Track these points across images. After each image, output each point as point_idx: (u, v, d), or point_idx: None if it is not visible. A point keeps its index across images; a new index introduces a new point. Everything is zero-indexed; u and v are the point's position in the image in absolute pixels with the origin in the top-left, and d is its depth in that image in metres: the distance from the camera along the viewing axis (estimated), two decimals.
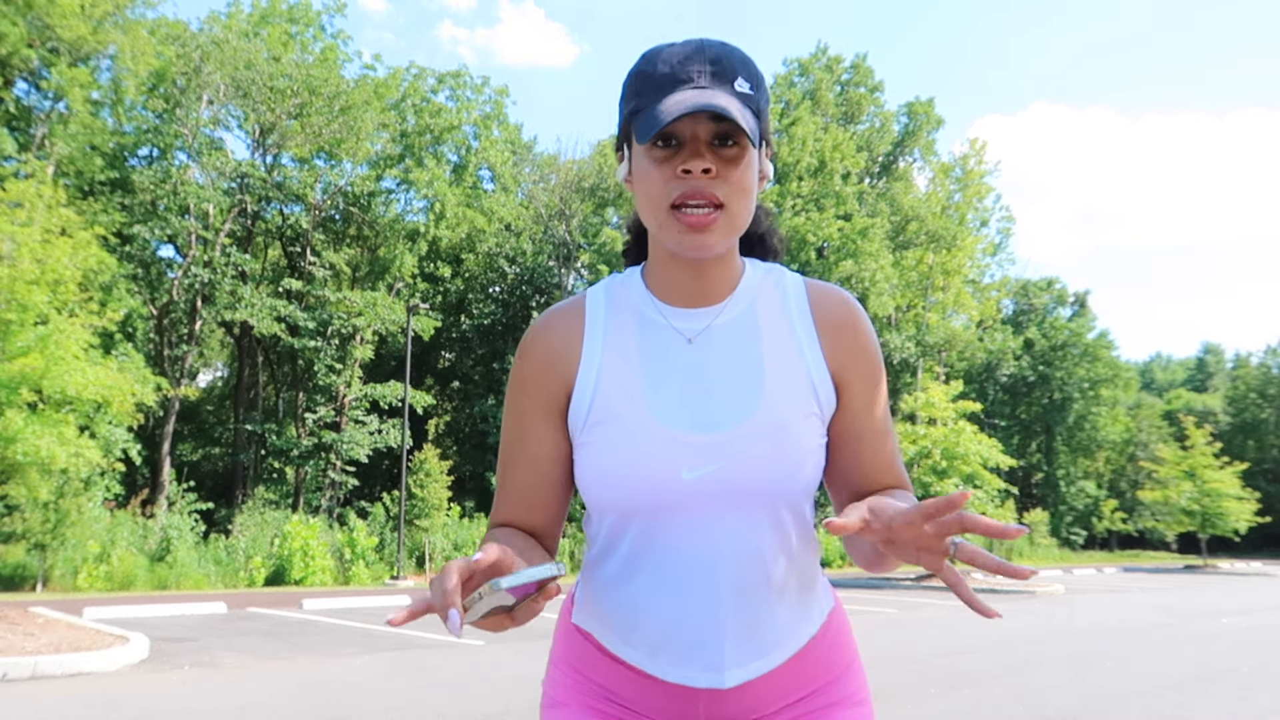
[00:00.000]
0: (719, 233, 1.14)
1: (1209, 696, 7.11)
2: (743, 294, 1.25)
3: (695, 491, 1.15)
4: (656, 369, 1.20)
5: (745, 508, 1.17)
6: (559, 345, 1.24)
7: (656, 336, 1.22)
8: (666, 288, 1.24)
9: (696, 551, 1.17)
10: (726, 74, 1.13)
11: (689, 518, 1.16)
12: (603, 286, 1.29)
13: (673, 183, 1.12)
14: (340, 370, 28.22)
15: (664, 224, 1.14)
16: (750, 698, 1.22)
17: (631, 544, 1.20)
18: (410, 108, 30.35)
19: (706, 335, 1.22)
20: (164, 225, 24.56)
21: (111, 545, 17.53)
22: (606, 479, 1.18)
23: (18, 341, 10.22)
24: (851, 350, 1.25)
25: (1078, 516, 47.51)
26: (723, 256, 1.22)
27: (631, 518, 1.19)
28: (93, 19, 21.98)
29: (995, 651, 9.60)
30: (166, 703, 6.46)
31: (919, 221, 41.01)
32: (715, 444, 1.16)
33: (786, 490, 1.18)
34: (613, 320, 1.25)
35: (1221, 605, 16.67)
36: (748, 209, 1.16)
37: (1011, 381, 48.94)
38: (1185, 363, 76.82)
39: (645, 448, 1.16)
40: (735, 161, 1.13)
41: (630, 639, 1.22)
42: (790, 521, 1.21)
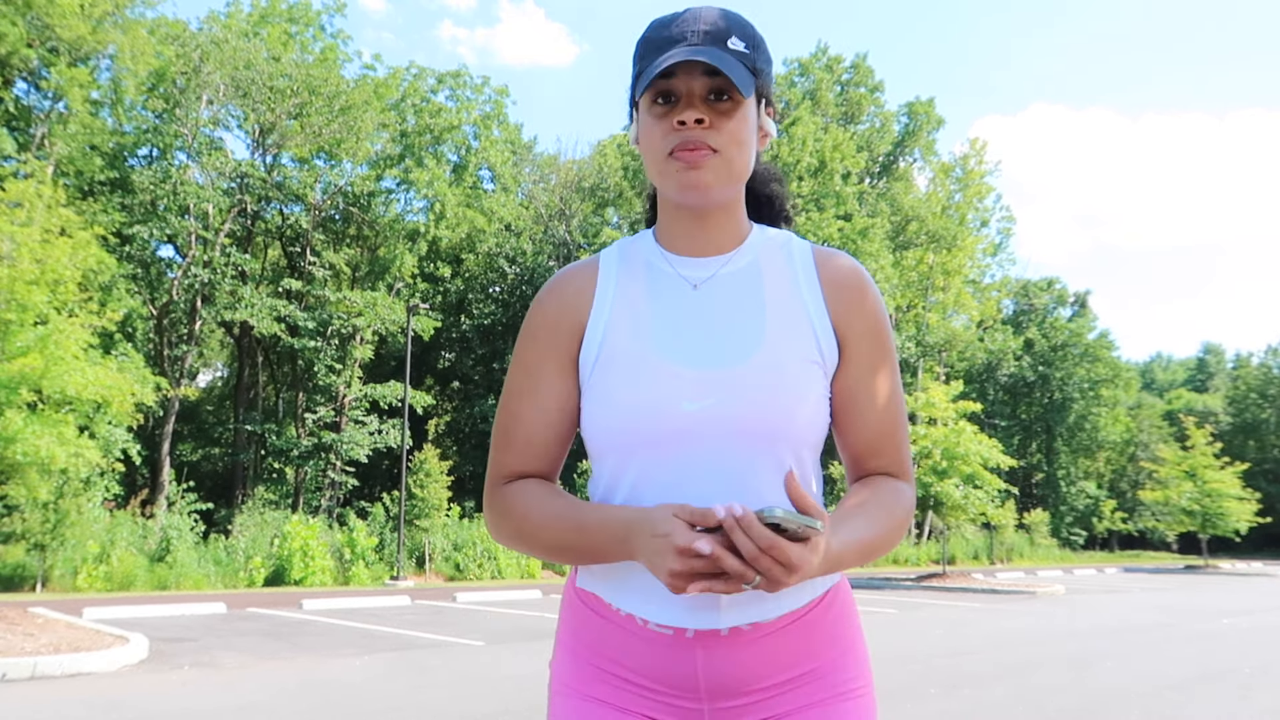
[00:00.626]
0: (712, 171, 1.20)
1: (1209, 697, 7.10)
2: (749, 248, 1.31)
3: (695, 424, 1.19)
4: (662, 312, 1.26)
5: (746, 445, 1.19)
6: (571, 296, 1.30)
7: (663, 283, 1.29)
8: (674, 238, 1.31)
9: (696, 489, 1.18)
10: (720, 33, 1.21)
11: (689, 452, 1.19)
12: (616, 245, 1.37)
13: (670, 135, 1.20)
14: (340, 370, 28.21)
15: (663, 170, 1.22)
16: (749, 658, 1.21)
17: (633, 483, 1.22)
18: (410, 108, 30.35)
19: (712, 282, 1.28)
20: (164, 225, 24.55)
21: (111, 545, 17.51)
22: (610, 413, 1.22)
23: (17, 341, 10.21)
24: (856, 309, 1.28)
25: (1078, 517, 47.50)
26: (726, 207, 1.29)
27: (633, 454, 1.21)
28: (92, 18, 21.97)
29: (996, 651, 9.59)
30: (166, 703, 6.45)
31: (919, 221, 41.00)
32: (716, 379, 1.20)
33: (786, 430, 1.21)
34: (624, 272, 1.31)
35: (1222, 605, 16.66)
36: (744, 159, 1.23)
37: (1012, 382, 48.94)
38: (1186, 363, 76.81)
39: (647, 381, 1.21)
40: (729, 114, 1.20)
41: (627, 585, 1.23)
42: (800, 468, 1.23)
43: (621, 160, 35.83)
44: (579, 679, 1.28)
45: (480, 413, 31.46)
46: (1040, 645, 10.26)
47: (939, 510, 21.70)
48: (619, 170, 35.44)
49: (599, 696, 1.25)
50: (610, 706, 1.25)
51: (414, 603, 15.20)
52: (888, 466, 1.33)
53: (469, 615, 13.22)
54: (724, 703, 1.22)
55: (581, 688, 1.27)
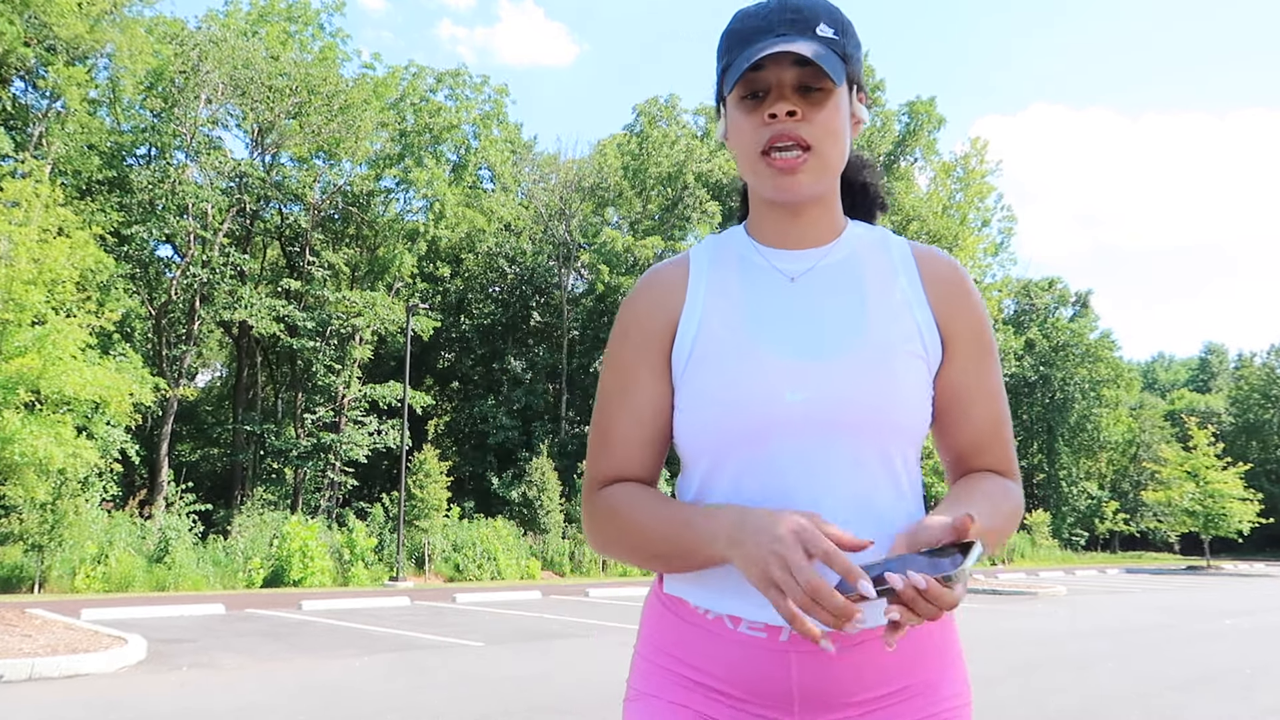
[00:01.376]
0: (808, 173, 1.17)
1: (1211, 697, 7.07)
2: (846, 241, 1.27)
3: (799, 415, 1.14)
4: (759, 305, 1.22)
5: (850, 438, 1.15)
6: (661, 294, 1.27)
7: (759, 277, 1.25)
8: (768, 232, 1.27)
9: (801, 482, 1.14)
10: (808, 21, 1.17)
11: (793, 445, 1.15)
12: (708, 240, 1.33)
13: (761, 129, 1.16)
14: (339, 370, 28.18)
15: (757, 170, 1.19)
16: (848, 667, 1.13)
17: (732, 481, 1.17)
18: (409, 107, 30.32)
19: (810, 275, 1.24)
20: (162, 225, 24.53)
21: (109, 546, 17.48)
22: (707, 407, 1.18)
23: (15, 342, 10.18)
24: (960, 306, 1.25)
25: (1080, 517, 47.49)
26: (821, 200, 1.24)
27: (732, 450, 1.17)
28: (90, 17, 21.94)
29: (997, 652, 9.55)
30: (164, 704, 6.41)
31: (920, 221, 40.98)
32: (818, 369, 1.16)
33: (890, 422, 1.16)
34: (716, 267, 1.28)
35: (1224, 606, 16.63)
36: (838, 151, 1.19)
37: (1013, 382, 48.93)
38: (1187, 363, 76.82)
39: (746, 372, 1.17)
40: (820, 104, 1.16)
41: (725, 585, 1.16)
42: (901, 467, 1.19)
43: (621, 160, 35.81)
44: (660, 686, 1.21)
45: (480, 413, 31.43)
46: (1042, 646, 10.22)
47: None
48: (619, 170, 35.42)
49: (683, 702, 1.18)
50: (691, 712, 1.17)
51: (413, 603, 15.17)
52: (994, 464, 1.29)
53: (468, 616, 13.19)
54: (818, 717, 1.14)
55: (663, 693, 1.20)
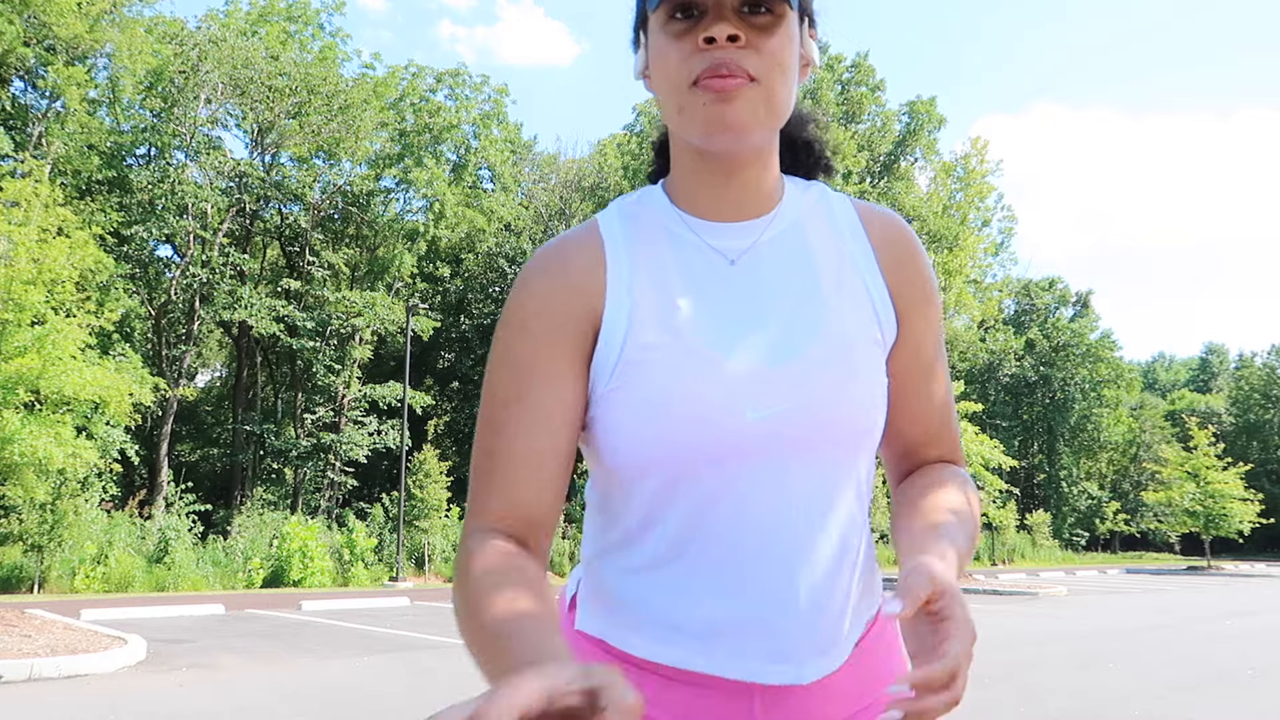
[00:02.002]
0: (750, 104, 0.94)
1: (1212, 698, 7.05)
2: (787, 209, 1.06)
3: (763, 435, 0.95)
4: (699, 294, 1.00)
5: (821, 455, 0.97)
6: (573, 277, 1.01)
7: (693, 258, 1.02)
8: (696, 199, 1.04)
9: (765, 512, 0.96)
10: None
11: (754, 470, 0.96)
12: (615, 208, 1.08)
13: (694, 57, 0.94)
14: (339, 371, 28.17)
15: (685, 104, 0.95)
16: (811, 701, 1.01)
17: (682, 512, 0.97)
18: (409, 107, 30.30)
19: (752, 254, 1.02)
20: (162, 225, 24.52)
21: (109, 546, 17.48)
22: (651, 428, 0.95)
23: (14, 342, 10.17)
24: (913, 275, 1.07)
25: (1080, 518, 47.48)
26: (761, 156, 1.02)
27: (682, 478, 0.96)
28: (89, 17, 21.94)
29: (998, 652, 9.54)
30: (164, 705, 6.39)
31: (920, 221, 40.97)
32: (783, 376, 0.96)
33: (860, 430, 0.99)
34: (637, 243, 1.03)
35: (1225, 607, 16.61)
36: (786, 89, 0.97)
37: (1013, 382, 48.91)
38: (1188, 363, 76.80)
39: (699, 385, 0.95)
40: (769, 30, 0.95)
41: (675, 634, 0.99)
42: (862, 473, 1.03)
43: (621, 160, 35.81)
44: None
45: None
46: (1042, 646, 10.21)
47: None
48: (619, 170, 35.42)
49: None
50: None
51: (413, 604, 15.16)
52: (946, 453, 1.13)
53: None
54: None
55: None
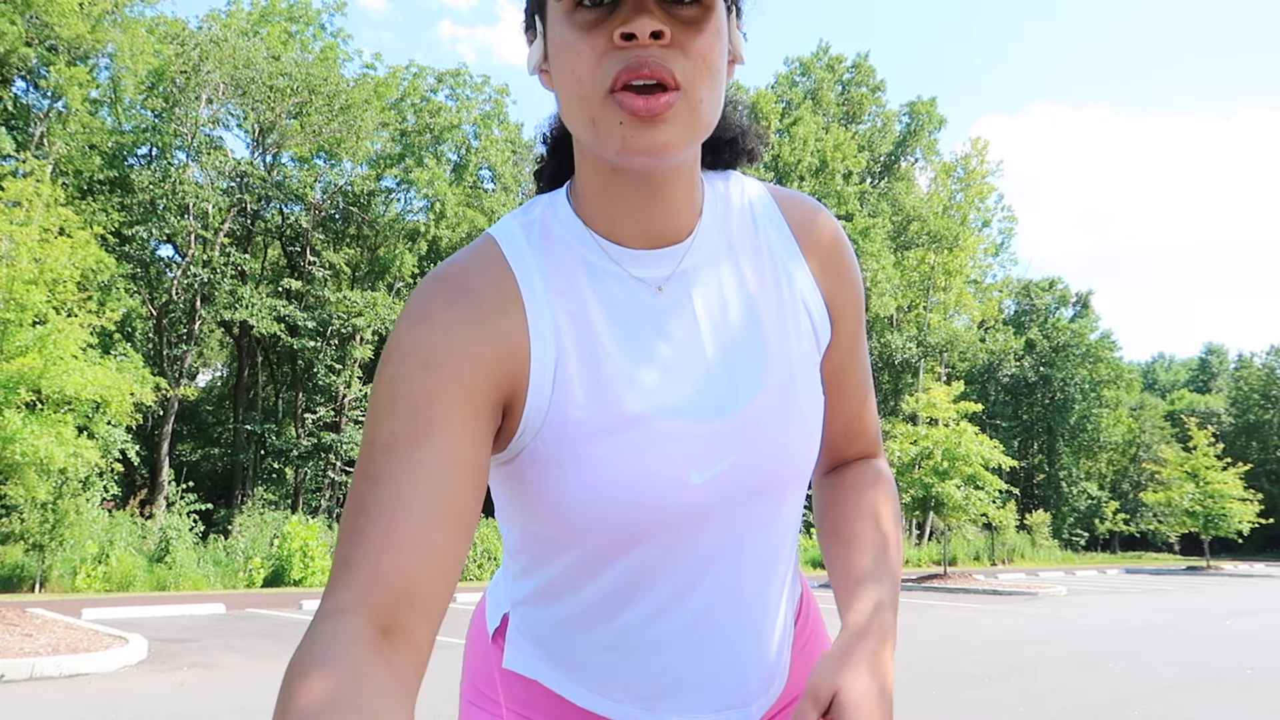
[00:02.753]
0: (678, 125, 0.80)
1: (1211, 698, 7.06)
2: (709, 220, 0.93)
3: (709, 497, 0.88)
4: (627, 338, 0.88)
5: (768, 500, 0.92)
6: (490, 314, 0.85)
7: (615, 291, 0.89)
8: (611, 221, 0.89)
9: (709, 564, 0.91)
10: None
11: (699, 529, 0.89)
12: (518, 229, 0.91)
13: (609, 56, 0.78)
14: (340, 370, 28.19)
15: (599, 118, 0.80)
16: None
17: (621, 572, 0.90)
18: (410, 107, 30.32)
19: (678, 281, 0.90)
20: (163, 225, 24.52)
21: (110, 546, 17.48)
22: (588, 498, 0.85)
23: (16, 341, 10.17)
24: (846, 278, 0.98)
25: (1080, 518, 47.46)
26: (684, 169, 0.88)
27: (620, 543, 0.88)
28: (91, 17, 21.93)
29: (997, 653, 9.55)
30: (165, 704, 6.41)
31: (921, 221, 40.98)
32: (727, 431, 0.88)
33: (808, 464, 0.94)
34: (552, 275, 0.89)
35: (1224, 607, 16.62)
36: (715, 96, 0.83)
37: (1013, 382, 48.90)
38: (1188, 363, 76.74)
39: (637, 454, 0.85)
40: (696, 25, 0.80)
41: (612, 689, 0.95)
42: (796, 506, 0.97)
43: None
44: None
45: None
46: (1042, 646, 10.22)
47: (940, 511, 21.66)
48: None
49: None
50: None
51: None
52: (867, 448, 1.08)
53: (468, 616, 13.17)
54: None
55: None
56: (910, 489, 21.57)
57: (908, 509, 22.84)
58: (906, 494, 21.77)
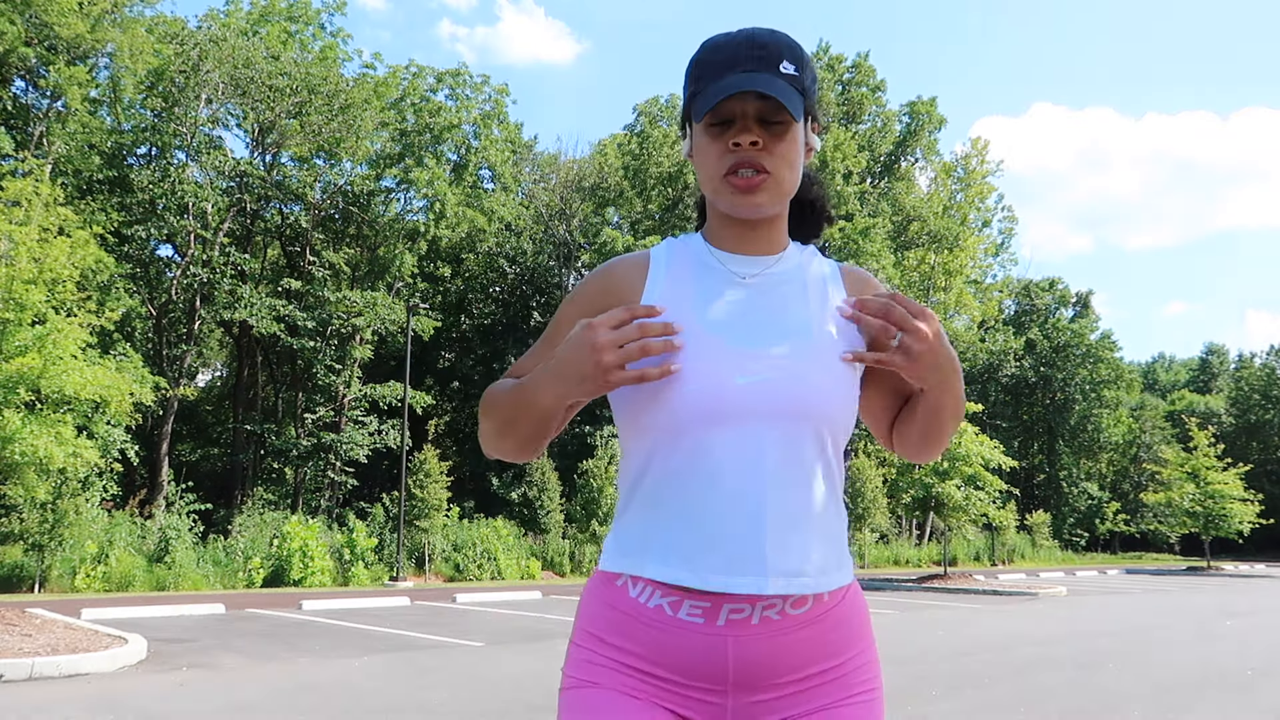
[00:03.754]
0: (766, 193, 1.30)
1: (1211, 698, 7.06)
2: (790, 255, 1.42)
3: (747, 398, 1.24)
4: (712, 299, 1.33)
5: (792, 423, 1.25)
6: (622, 279, 1.39)
7: (713, 276, 1.36)
8: (723, 240, 1.40)
9: (746, 459, 1.23)
10: (772, 58, 1.28)
11: (740, 425, 1.24)
12: (668, 242, 1.44)
13: (726, 155, 1.29)
14: (340, 370, 28.17)
15: (719, 190, 1.32)
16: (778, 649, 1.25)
17: (682, 457, 1.26)
18: (410, 106, 30.30)
19: (759, 278, 1.36)
20: (162, 224, 24.51)
21: (109, 546, 17.47)
22: (663, 387, 1.25)
23: (15, 341, 10.16)
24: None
25: (1080, 518, 47.45)
26: (772, 219, 1.38)
27: (683, 429, 1.25)
28: (91, 17, 21.93)
29: (998, 653, 9.54)
30: (164, 704, 6.40)
31: (921, 222, 40.97)
32: (765, 356, 1.27)
33: (830, 411, 1.28)
34: (674, 266, 1.39)
35: (1224, 607, 16.62)
36: (792, 177, 1.32)
37: (1014, 382, 48.90)
38: (1188, 363, 76.73)
39: (701, 356, 1.26)
40: (780, 136, 1.29)
41: (671, 554, 1.25)
42: (831, 451, 1.30)
43: (621, 160, 35.81)
44: (595, 673, 1.28)
45: None
46: (1042, 646, 10.22)
47: (940, 511, 21.65)
48: (619, 170, 35.43)
49: (618, 687, 1.26)
50: (629, 696, 1.25)
51: (413, 603, 15.16)
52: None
53: (468, 616, 13.18)
54: (749, 697, 1.26)
55: (598, 679, 1.27)
56: (910, 489, 21.56)
57: (907, 509, 22.84)
58: (906, 494, 21.76)
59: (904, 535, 36.79)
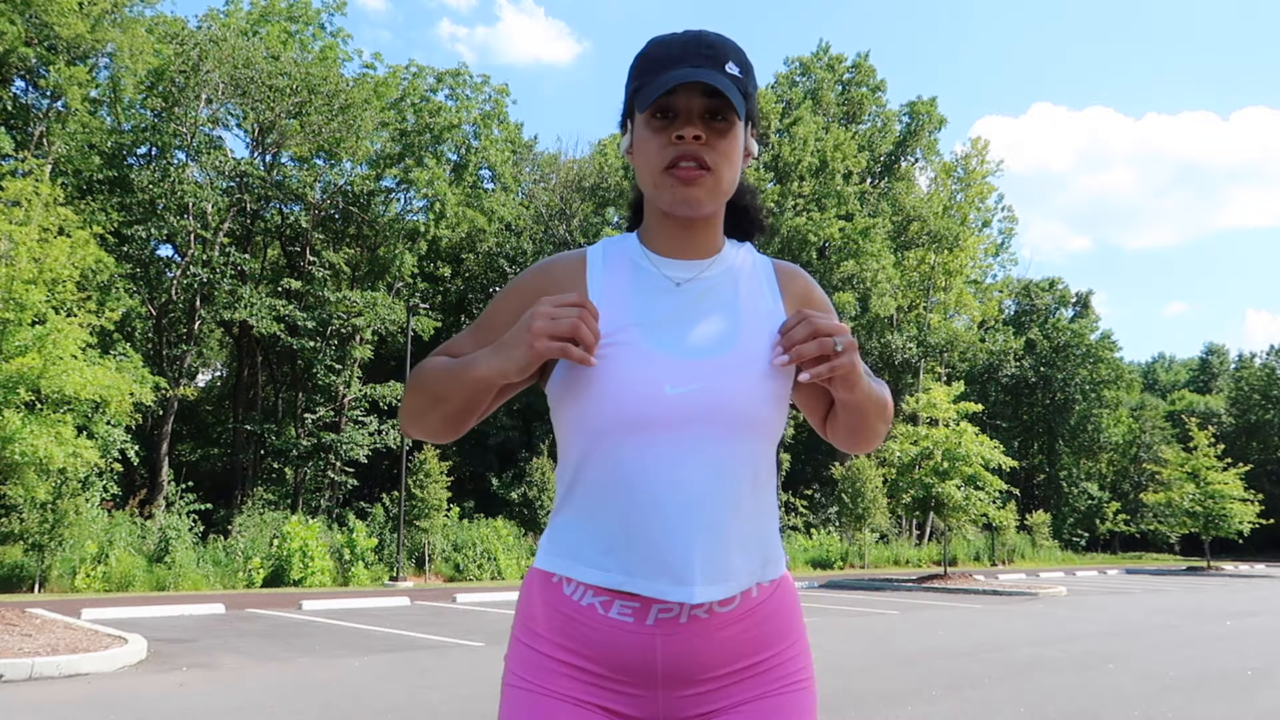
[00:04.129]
0: (705, 189, 1.31)
1: (1212, 698, 7.06)
2: (724, 257, 1.43)
3: (677, 408, 1.26)
4: (645, 304, 1.35)
5: (722, 431, 1.28)
6: (560, 275, 1.40)
7: (647, 280, 1.38)
8: (659, 243, 1.41)
9: (676, 468, 1.26)
10: (719, 58, 1.30)
11: (670, 434, 1.26)
12: (602, 242, 1.45)
13: (668, 148, 1.30)
14: (339, 370, 28.16)
15: (659, 183, 1.32)
16: (706, 646, 1.29)
17: (612, 464, 1.28)
18: (410, 106, 30.28)
19: (693, 282, 1.38)
20: (162, 224, 24.50)
21: (109, 546, 17.47)
22: (595, 393, 1.28)
23: (15, 341, 10.16)
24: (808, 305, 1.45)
25: (1080, 518, 47.43)
26: (709, 219, 1.39)
27: (614, 437, 1.28)
28: (91, 17, 21.92)
29: (998, 653, 9.54)
30: (164, 704, 6.40)
31: (921, 221, 40.97)
32: (696, 366, 1.29)
33: (759, 419, 1.30)
34: (610, 266, 1.40)
35: (1224, 607, 16.62)
36: (731, 177, 1.34)
37: (1013, 382, 48.88)
38: (1188, 363, 76.70)
39: (632, 364, 1.28)
40: (723, 133, 1.31)
41: (604, 559, 1.29)
42: (760, 458, 1.33)
43: (622, 160, 35.79)
44: (534, 671, 1.32)
45: None
46: (1042, 646, 10.21)
47: (940, 511, 21.63)
48: (619, 170, 35.41)
49: (554, 689, 1.30)
50: (564, 699, 1.29)
51: (413, 604, 15.17)
52: None
53: (469, 616, 13.18)
54: (679, 691, 1.30)
55: (537, 679, 1.31)
56: (910, 489, 21.55)
57: (907, 509, 22.83)
58: (907, 494, 21.75)
59: (904, 535, 36.78)
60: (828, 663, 8.57)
